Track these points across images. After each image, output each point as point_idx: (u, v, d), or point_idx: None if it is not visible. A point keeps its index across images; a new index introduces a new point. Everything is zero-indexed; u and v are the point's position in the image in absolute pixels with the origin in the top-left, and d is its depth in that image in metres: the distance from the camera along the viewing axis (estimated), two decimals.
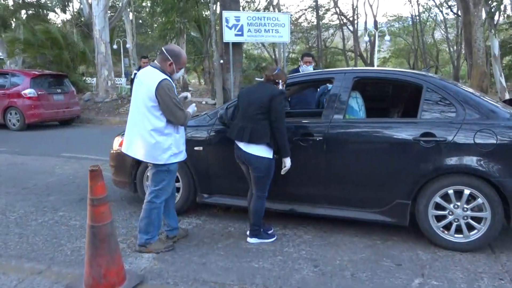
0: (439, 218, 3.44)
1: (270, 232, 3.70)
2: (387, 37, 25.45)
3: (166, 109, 3.13)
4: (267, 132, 3.33)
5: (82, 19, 21.73)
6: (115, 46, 23.13)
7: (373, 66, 22.70)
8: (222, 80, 12.43)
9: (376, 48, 22.74)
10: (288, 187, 3.83)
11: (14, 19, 16.39)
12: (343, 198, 3.69)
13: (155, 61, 3.31)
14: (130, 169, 4.36)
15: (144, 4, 26.88)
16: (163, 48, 3.30)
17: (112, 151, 4.58)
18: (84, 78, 16.31)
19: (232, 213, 4.39)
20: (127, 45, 24.79)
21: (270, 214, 3.91)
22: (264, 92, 3.39)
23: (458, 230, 3.37)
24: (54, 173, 6.24)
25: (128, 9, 28.60)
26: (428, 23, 32.46)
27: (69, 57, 14.86)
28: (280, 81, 3.50)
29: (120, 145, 4.29)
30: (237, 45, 12.06)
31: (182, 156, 3.40)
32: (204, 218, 4.27)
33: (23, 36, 14.61)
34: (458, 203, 3.33)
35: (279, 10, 27.32)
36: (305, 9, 31.91)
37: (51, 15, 23.50)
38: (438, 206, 3.41)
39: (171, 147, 3.23)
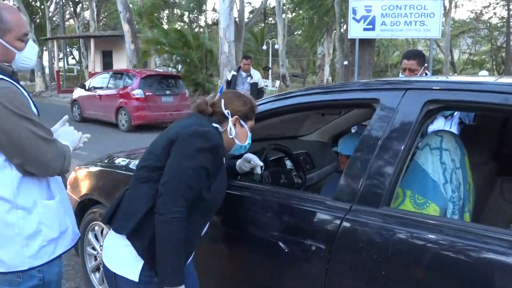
0: None
1: None
2: None
3: (14, 147, 1.39)
4: (142, 208, 1.45)
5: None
6: (264, 47, 22.81)
7: None
8: None
9: None
10: None
11: (155, 19, 16.99)
12: None
13: None
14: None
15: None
16: None
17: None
18: (213, 78, 15.96)
19: None
20: (276, 46, 24.11)
21: None
22: (172, 128, 1.56)
23: None
24: None
25: (283, 7, 28.07)
26: None
27: (197, 57, 14.53)
28: (229, 112, 1.58)
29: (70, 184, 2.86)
30: (367, 43, 9.66)
31: (70, 240, 1.60)
32: None
33: (157, 36, 14.87)
34: None
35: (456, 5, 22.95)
36: (496, 3, 26.14)
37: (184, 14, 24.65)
38: None
39: (40, 230, 1.48)
